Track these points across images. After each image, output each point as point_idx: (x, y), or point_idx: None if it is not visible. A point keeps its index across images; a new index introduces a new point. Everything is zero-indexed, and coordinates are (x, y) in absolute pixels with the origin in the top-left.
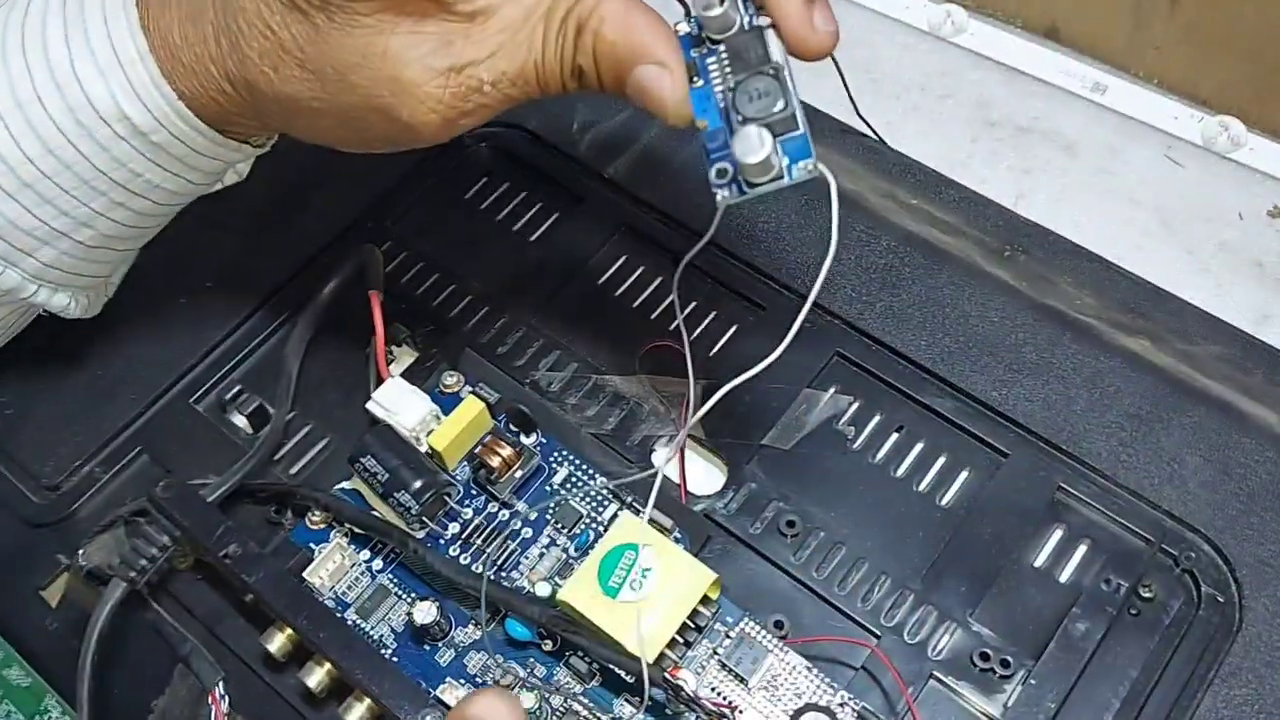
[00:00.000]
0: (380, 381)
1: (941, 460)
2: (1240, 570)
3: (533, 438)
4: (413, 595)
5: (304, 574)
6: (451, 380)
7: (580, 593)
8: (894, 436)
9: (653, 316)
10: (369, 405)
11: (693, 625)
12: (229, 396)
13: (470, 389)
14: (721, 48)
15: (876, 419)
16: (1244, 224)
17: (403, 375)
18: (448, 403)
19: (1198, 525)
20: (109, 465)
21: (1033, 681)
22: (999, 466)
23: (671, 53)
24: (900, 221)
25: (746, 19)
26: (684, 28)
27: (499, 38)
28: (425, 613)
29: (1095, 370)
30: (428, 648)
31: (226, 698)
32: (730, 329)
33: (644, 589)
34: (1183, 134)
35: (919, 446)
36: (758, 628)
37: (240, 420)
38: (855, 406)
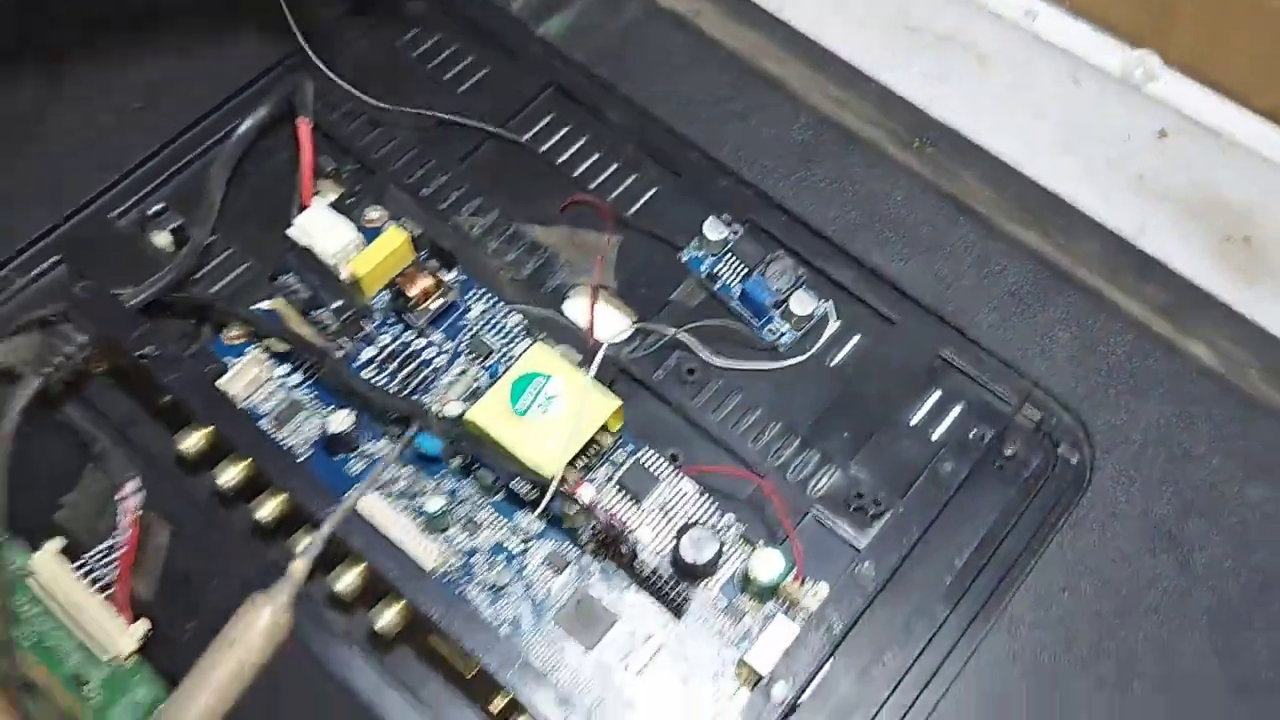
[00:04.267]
0: (303, 208)
1: (836, 324)
2: (1095, 435)
3: (452, 274)
4: (328, 408)
5: (216, 384)
6: (375, 214)
7: (490, 413)
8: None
9: (575, 174)
10: (290, 230)
11: (595, 453)
12: (150, 213)
13: (393, 224)
14: None
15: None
16: (1132, 143)
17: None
18: (370, 234)
19: (1061, 394)
20: (25, 270)
21: (900, 510)
22: (887, 332)
23: None
24: (819, 105)
25: None
26: None
27: None
28: (340, 421)
29: (984, 252)
30: (339, 458)
31: (140, 494)
32: (649, 192)
33: (550, 411)
34: (1099, 63)
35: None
36: (654, 456)
37: (162, 238)
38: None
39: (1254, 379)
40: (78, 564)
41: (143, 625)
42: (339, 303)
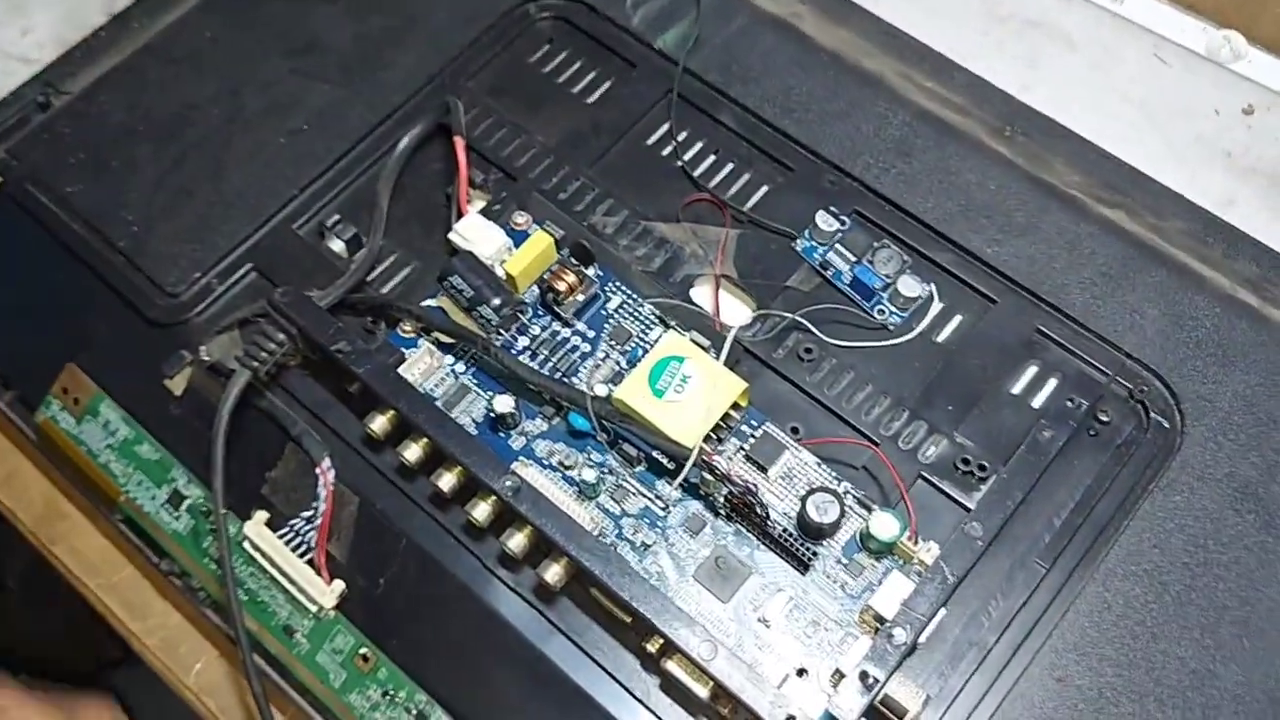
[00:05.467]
0: (460, 215)
1: (939, 305)
2: (1184, 403)
3: (592, 270)
4: (490, 392)
5: (399, 370)
6: (521, 219)
7: (633, 393)
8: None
9: (696, 173)
10: (451, 235)
11: (725, 426)
12: (328, 224)
13: (537, 227)
14: None
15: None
16: (1219, 120)
17: (479, 213)
18: (518, 238)
19: (1152, 365)
20: (223, 278)
21: (1004, 476)
22: (987, 311)
23: None
24: (914, 99)
25: None
26: None
27: None
28: (504, 404)
29: (1075, 235)
30: (502, 435)
31: (333, 470)
32: (762, 188)
33: (685, 392)
34: (1185, 43)
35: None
36: (778, 430)
37: (338, 245)
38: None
39: None
40: (281, 531)
41: (339, 584)
42: (497, 299)
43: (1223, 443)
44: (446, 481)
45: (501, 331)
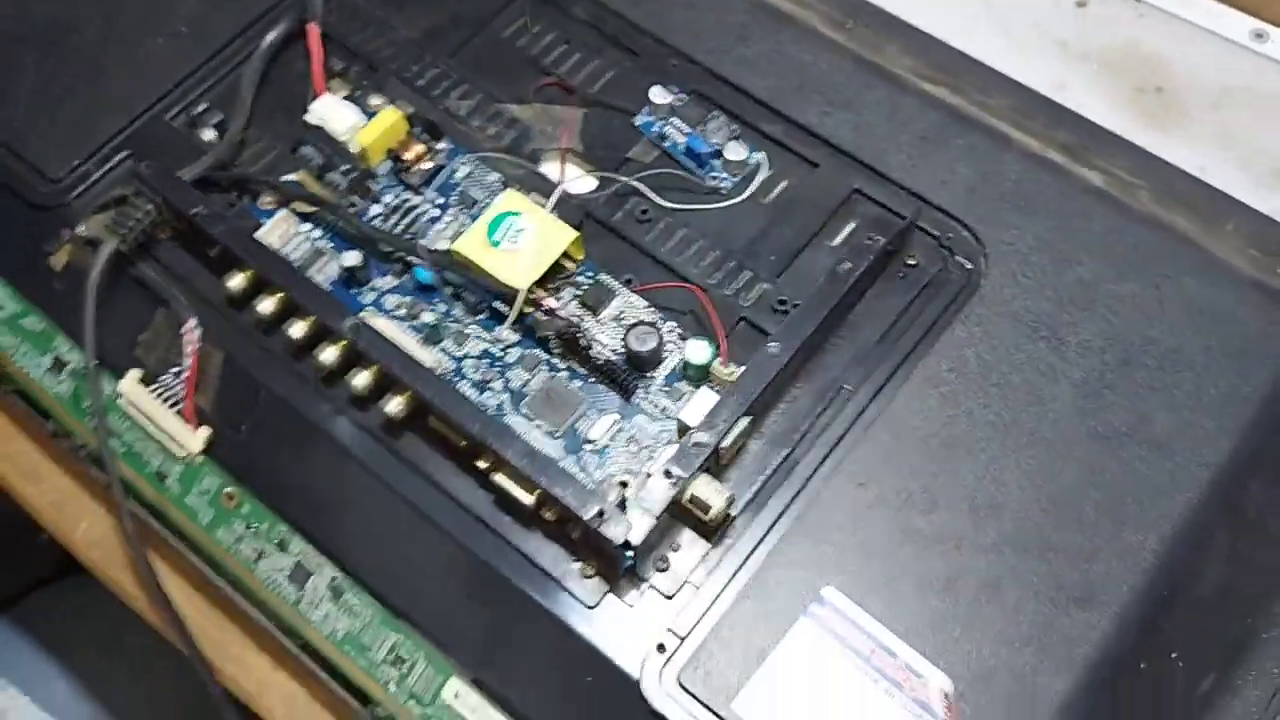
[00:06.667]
0: (316, 97)
1: (768, 171)
2: (987, 247)
3: (442, 144)
4: (342, 251)
5: (254, 235)
6: (377, 101)
7: (471, 245)
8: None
9: (547, 61)
10: (306, 116)
11: (562, 277)
12: (197, 112)
13: (390, 105)
14: None
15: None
16: (1055, 12)
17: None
18: (372, 117)
19: (958, 215)
20: (100, 164)
21: (803, 304)
22: (810, 174)
23: None
24: None
25: None
26: None
27: None
28: (352, 258)
29: (897, 105)
30: (354, 291)
31: (199, 329)
32: (609, 73)
33: (519, 241)
34: None
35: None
36: (611, 279)
37: (209, 134)
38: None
39: (1143, 198)
40: (153, 387)
41: (205, 431)
42: (346, 165)
43: (1021, 280)
44: (298, 330)
45: (355, 200)
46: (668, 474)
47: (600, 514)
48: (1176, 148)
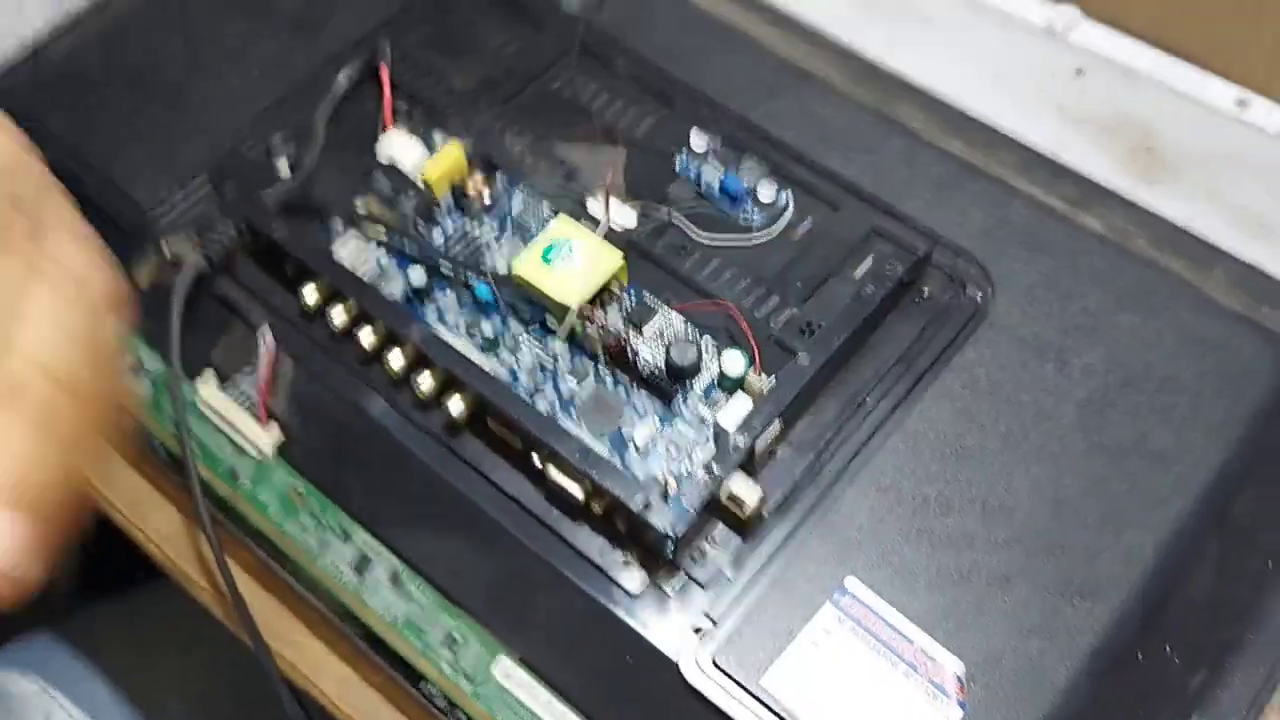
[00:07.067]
0: (384, 129)
1: (793, 211)
2: (996, 280)
3: (498, 178)
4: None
5: (329, 251)
6: (439, 139)
7: (528, 265)
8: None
9: (592, 109)
10: (376, 147)
11: (610, 298)
12: (272, 144)
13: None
14: None
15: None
16: (1054, 81)
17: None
18: (437, 151)
19: (970, 250)
20: (184, 191)
21: (830, 324)
22: (832, 215)
23: None
24: (784, 54)
25: None
26: None
27: None
28: (417, 276)
29: (911, 154)
30: (417, 306)
31: (272, 336)
32: (649, 118)
33: (571, 262)
34: (1026, 17)
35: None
36: (653, 298)
37: (282, 164)
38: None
39: (1139, 244)
40: (228, 392)
41: (277, 432)
42: (413, 196)
43: (1027, 310)
44: (367, 338)
45: (419, 226)
46: (708, 470)
47: (647, 505)
48: (1169, 200)
